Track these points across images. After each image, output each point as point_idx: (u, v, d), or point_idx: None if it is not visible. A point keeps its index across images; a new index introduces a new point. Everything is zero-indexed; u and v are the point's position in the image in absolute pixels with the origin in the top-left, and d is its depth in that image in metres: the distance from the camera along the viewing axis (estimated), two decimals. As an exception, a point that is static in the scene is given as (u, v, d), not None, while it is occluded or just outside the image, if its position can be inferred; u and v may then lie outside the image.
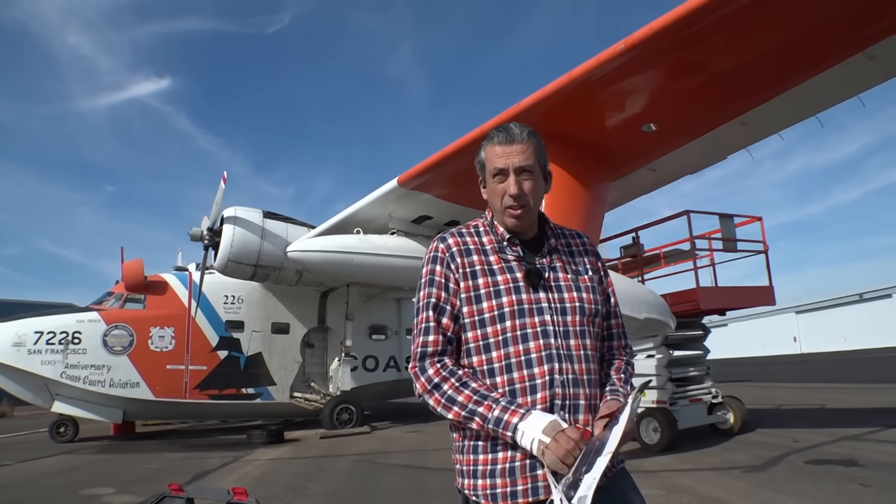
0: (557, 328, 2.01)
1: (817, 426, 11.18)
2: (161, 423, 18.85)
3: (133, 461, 11.25)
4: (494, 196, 2.12)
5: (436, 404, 2.00)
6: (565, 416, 1.93)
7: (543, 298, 2.04)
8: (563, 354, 1.98)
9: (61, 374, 14.14)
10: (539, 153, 2.11)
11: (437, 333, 2.06)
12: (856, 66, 7.94)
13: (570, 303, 2.06)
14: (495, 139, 2.10)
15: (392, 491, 7.76)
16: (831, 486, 6.67)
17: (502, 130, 2.10)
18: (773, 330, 70.03)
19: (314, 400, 16.31)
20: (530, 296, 2.03)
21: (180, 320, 15.48)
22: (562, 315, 2.03)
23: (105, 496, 8.01)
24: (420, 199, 11.88)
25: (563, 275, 2.12)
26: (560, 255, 2.18)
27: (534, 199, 2.10)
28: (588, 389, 2.00)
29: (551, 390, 1.94)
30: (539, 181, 2.12)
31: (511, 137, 2.08)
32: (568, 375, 1.97)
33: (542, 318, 2.01)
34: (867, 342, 57.68)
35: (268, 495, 7.46)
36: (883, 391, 17.41)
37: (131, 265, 15.58)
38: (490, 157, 2.12)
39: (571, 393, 1.96)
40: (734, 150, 10.41)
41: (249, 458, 11.11)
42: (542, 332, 1.99)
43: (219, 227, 13.96)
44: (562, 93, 8.32)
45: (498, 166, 2.07)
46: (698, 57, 7.72)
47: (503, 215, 2.11)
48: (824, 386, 20.85)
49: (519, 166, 2.06)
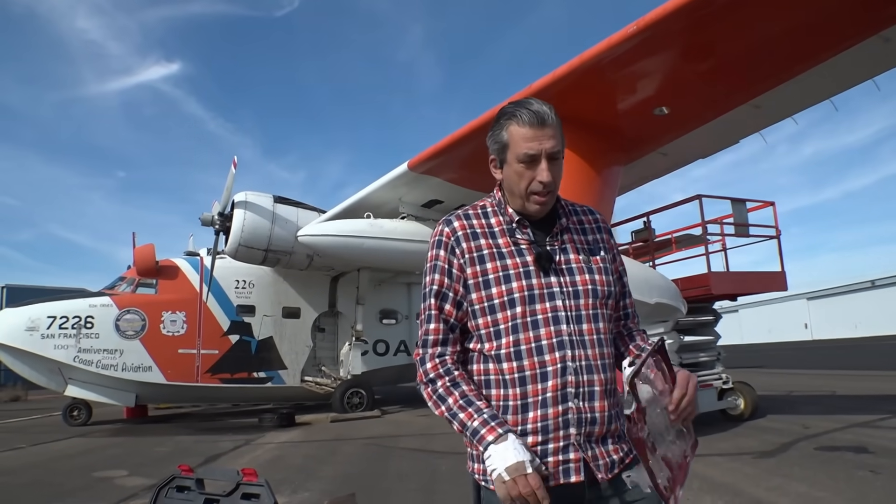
0: (570, 313, 1.95)
1: (828, 413, 11.16)
2: (173, 406, 18.97)
3: (145, 444, 11.33)
4: (519, 179, 1.98)
5: (428, 398, 2.02)
6: (580, 403, 1.89)
7: (555, 283, 1.97)
8: (575, 340, 1.92)
9: (74, 359, 14.23)
10: (561, 133, 2.01)
11: (437, 322, 2.03)
12: (871, 48, 7.85)
13: (583, 286, 1.99)
14: (523, 118, 1.95)
15: (402, 474, 7.78)
16: (841, 473, 6.65)
17: (528, 109, 1.96)
18: (785, 316, 69.81)
19: (325, 384, 16.38)
20: (541, 280, 1.96)
21: (192, 305, 15.53)
22: (574, 299, 1.96)
23: (118, 478, 8.06)
24: (430, 183, 11.86)
25: (574, 256, 2.03)
26: (572, 234, 2.09)
27: (558, 185, 2.01)
28: (604, 374, 1.94)
29: (563, 378, 1.89)
30: (561, 164, 2.02)
31: (542, 118, 1.95)
32: (581, 362, 1.91)
33: (554, 304, 1.95)
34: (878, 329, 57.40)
35: (279, 478, 7.50)
36: (894, 378, 17.35)
37: (143, 250, 15.63)
38: (517, 140, 1.96)
39: (586, 380, 1.91)
40: (747, 134, 10.35)
41: (260, 441, 11.18)
42: (554, 319, 1.93)
43: (230, 211, 13.96)
44: (574, 75, 8.28)
45: (529, 152, 1.94)
46: (710, 39, 7.65)
47: (526, 200, 2.00)
48: (835, 373, 20.79)
49: (551, 152, 1.95)
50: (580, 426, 1.89)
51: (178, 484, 3.40)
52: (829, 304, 67.64)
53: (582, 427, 1.89)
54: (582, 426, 1.89)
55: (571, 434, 1.88)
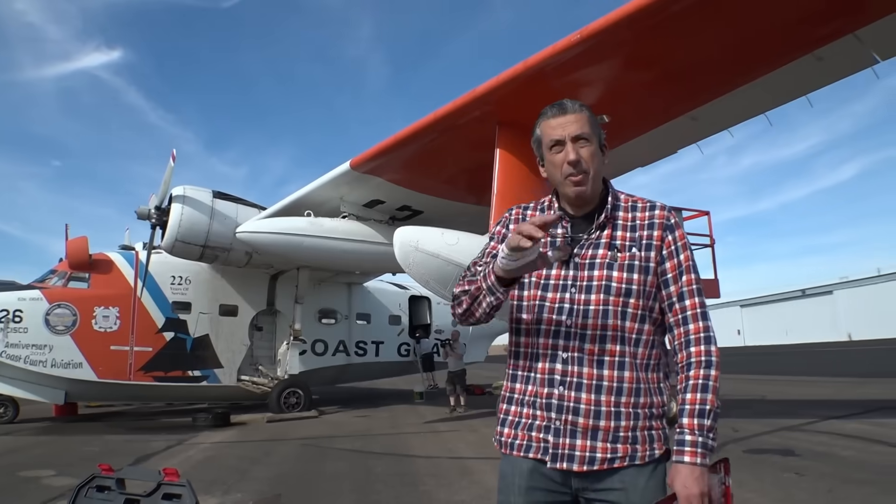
0: (577, 306, 2.01)
1: (757, 417, 11.47)
2: (104, 404, 18.47)
3: (74, 443, 11.01)
4: (554, 168, 2.11)
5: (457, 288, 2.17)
6: (564, 391, 1.97)
7: (571, 276, 2.05)
8: (574, 333, 1.99)
9: (1, 354, 13.75)
10: (593, 124, 2.11)
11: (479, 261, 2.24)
12: (805, 66, 8.13)
13: (598, 281, 2.01)
14: (549, 114, 2.13)
15: (337, 475, 7.74)
16: (769, 475, 6.85)
17: (554, 105, 2.12)
18: (718, 322, 70.98)
19: (262, 383, 16.16)
20: (560, 272, 2.07)
21: (125, 300, 15.11)
22: (586, 294, 2.01)
23: (44, 478, 7.82)
24: (372, 183, 11.82)
25: (602, 252, 2.05)
26: (615, 230, 2.10)
27: (593, 167, 2.06)
28: (595, 370, 1.98)
29: (552, 364, 2.01)
30: (596, 149, 2.09)
31: (564, 109, 2.10)
32: (573, 353, 1.99)
33: (563, 296, 2.04)
34: (808, 337, 59.37)
35: (211, 478, 7.38)
36: (820, 384, 18.01)
37: (76, 243, 15.20)
38: (545, 131, 2.12)
39: (574, 371, 1.98)
40: (685, 145, 10.59)
41: (194, 441, 10.97)
42: (558, 309, 2.03)
43: (167, 206, 13.67)
44: (518, 80, 8.36)
45: (554, 137, 2.07)
46: (651, 51, 7.83)
47: (564, 186, 2.10)
48: (766, 378, 21.45)
49: (575, 134, 2.05)
50: (561, 412, 1.97)
51: (99, 484, 3.34)
52: (762, 311, 69.72)
53: (563, 414, 1.97)
54: (563, 413, 1.97)
55: (553, 417, 1.98)
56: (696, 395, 2.00)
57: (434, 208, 12.54)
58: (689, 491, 1.84)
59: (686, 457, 1.91)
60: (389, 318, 19.95)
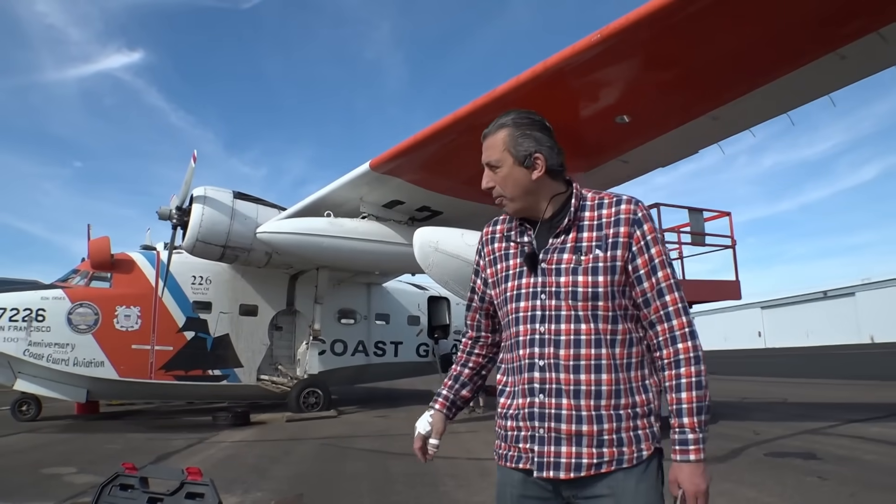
0: (549, 312, 2.02)
1: (778, 419, 11.36)
2: (125, 403, 18.59)
3: (96, 441, 11.11)
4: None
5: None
6: (545, 399, 1.99)
7: (540, 283, 2.06)
8: (547, 339, 2.01)
9: (24, 352, 13.86)
10: (510, 141, 2.10)
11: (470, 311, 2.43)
12: (828, 65, 8.03)
13: (565, 287, 2.01)
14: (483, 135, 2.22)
15: (356, 475, 7.75)
16: (790, 479, 6.78)
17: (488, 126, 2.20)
18: (739, 324, 71.00)
19: (281, 383, 16.22)
20: (529, 280, 2.08)
21: (147, 300, 15.23)
22: (556, 299, 2.02)
23: (66, 475, 7.90)
24: (392, 184, 11.83)
25: (567, 256, 2.03)
26: (581, 231, 2.07)
27: (507, 188, 2.11)
28: (572, 375, 1.96)
29: (530, 373, 2.02)
30: (509, 169, 2.09)
31: (485, 134, 2.17)
32: (549, 360, 2.00)
33: (534, 303, 2.05)
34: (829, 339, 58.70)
35: (231, 478, 7.42)
36: (842, 387, 17.77)
37: (98, 243, 15.31)
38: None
39: (552, 377, 1.99)
40: (706, 145, 10.50)
41: (214, 440, 11.03)
42: (531, 318, 2.05)
43: (188, 206, 13.76)
44: (536, 81, 8.33)
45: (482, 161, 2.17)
46: (672, 51, 7.77)
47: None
48: (787, 380, 21.21)
49: (485, 162, 2.15)
50: (543, 420, 1.98)
51: (122, 482, 3.35)
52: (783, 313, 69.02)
53: (545, 421, 1.98)
54: (545, 420, 1.98)
55: (535, 426, 1.99)
56: (691, 394, 1.96)
57: (454, 209, 12.53)
58: (699, 487, 1.90)
59: (691, 455, 1.92)
60: (408, 318, 19.97)
